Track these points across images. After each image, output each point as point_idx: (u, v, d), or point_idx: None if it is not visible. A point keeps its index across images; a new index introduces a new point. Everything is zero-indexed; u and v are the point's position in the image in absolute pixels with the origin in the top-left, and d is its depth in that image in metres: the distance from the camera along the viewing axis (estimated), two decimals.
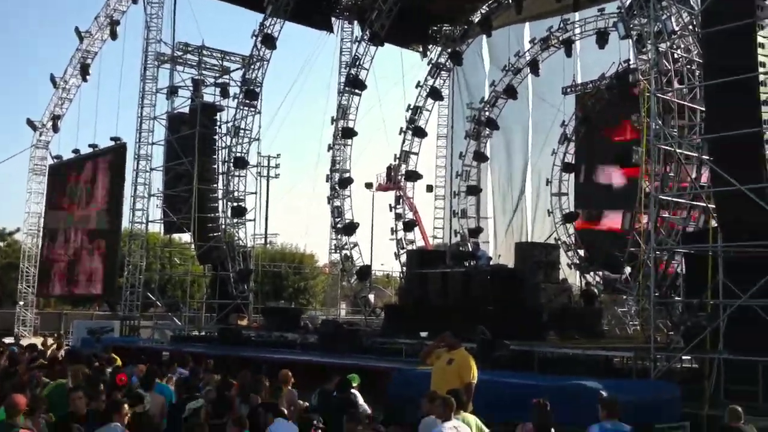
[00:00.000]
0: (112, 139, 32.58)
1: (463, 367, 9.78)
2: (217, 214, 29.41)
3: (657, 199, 15.57)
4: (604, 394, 10.85)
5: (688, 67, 17.61)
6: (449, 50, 31.76)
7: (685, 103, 17.00)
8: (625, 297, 21.53)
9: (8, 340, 23.08)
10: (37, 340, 21.28)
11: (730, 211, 13.71)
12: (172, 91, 29.46)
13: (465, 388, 9.41)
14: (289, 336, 22.05)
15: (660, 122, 15.58)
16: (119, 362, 13.50)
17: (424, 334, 17.47)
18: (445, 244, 31.21)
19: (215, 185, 29.59)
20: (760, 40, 13.38)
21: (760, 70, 13.30)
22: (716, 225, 14.05)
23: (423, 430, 8.20)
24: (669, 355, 13.83)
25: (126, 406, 7.80)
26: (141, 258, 30.51)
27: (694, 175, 16.34)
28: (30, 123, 37.42)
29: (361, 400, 11.02)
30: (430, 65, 32.30)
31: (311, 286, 49.16)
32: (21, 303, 36.92)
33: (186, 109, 29.63)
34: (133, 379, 10.81)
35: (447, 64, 32.19)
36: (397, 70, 53.25)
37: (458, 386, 9.34)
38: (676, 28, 17.04)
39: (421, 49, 33.51)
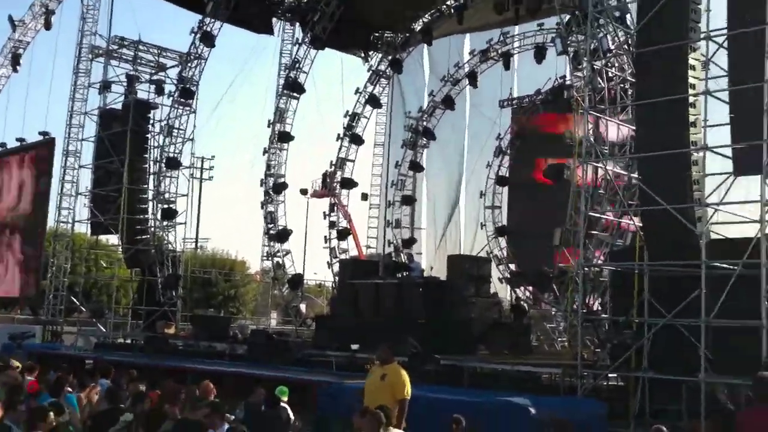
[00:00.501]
0: (40, 133, 31.56)
1: (396, 384, 9.70)
2: (146, 216, 28.60)
3: (587, 215, 15.81)
4: (533, 411, 10.96)
5: (622, 86, 17.99)
6: (390, 57, 31.76)
7: (617, 121, 17.34)
8: (554, 313, 21.81)
9: None
10: None
11: (657, 230, 13.96)
12: (105, 86, 28.50)
13: (399, 405, 9.33)
14: (218, 346, 21.60)
15: (592, 139, 15.83)
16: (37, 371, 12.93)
17: (355, 346, 17.34)
18: (379, 254, 31.08)
19: (146, 186, 28.74)
20: (691, 62, 13.69)
21: (690, 91, 13.61)
22: (643, 243, 14.29)
23: None
24: (595, 373, 14.01)
25: (51, 415, 7.44)
26: (66, 260, 29.56)
27: (622, 193, 16.66)
28: None
29: (291, 414, 10.84)
30: (370, 72, 32.25)
31: (242, 294, 48.37)
32: None
33: (119, 106, 28.71)
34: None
35: (387, 71, 32.14)
36: (337, 76, 53.24)
37: (391, 402, 9.26)
38: (612, 47, 17.40)
39: (362, 55, 33.41)
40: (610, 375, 14.21)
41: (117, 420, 9.10)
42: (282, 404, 10.53)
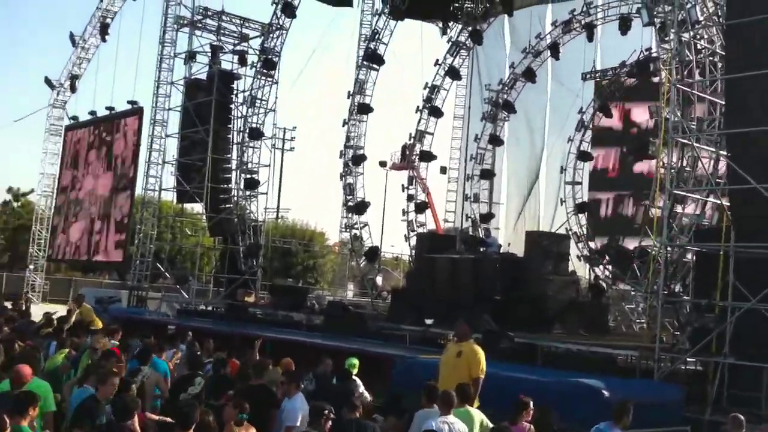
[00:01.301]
0: (129, 102, 32.45)
1: (472, 361, 9.68)
2: (230, 186, 29.23)
3: (671, 194, 15.33)
4: (606, 393, 10.77)
5: (711, 58, 17.26)
6: (470, 28, 31.25)
7: (706, 95, 16.68)
8: (633, 293, 21.31)
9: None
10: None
11: (745, 210, 13.46)
12: (191, 56, 28.98)
13: (473, 383, 9.33)
14: (295, 316, 22.02)
15: (679, 114, 15.30)
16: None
17: (429, 321, 17.39)
18: (456, 228, 30.95)
19: (229, 155, 29.35)
20: None
21: None
22: (730, 223, 13.80)
23: (417, 423, 8.13)
24: (674, 357, 13.67)
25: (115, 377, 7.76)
26: (152, 227, 30.48)
27: (710, 171, 16.07)
28: (48, 82, 37.30)
29: (361, 387, 10.96)
30: (450, 43, 31.85)
31: (320, 265, 48.94)
32: (31, 267, 37.11)
33: (203, 76, 29.25)
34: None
35: (467, 42, 31.68)
36: (417, 47, 52.87)
37: (466, 379, 9.26)
38: (701, 18, 16.67)
39: (441, 26, 33.04)
40: (688, 359, 13.85)
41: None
42: (354, 378, 10.64)
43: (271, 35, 28.75)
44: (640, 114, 30.21)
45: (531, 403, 8.14)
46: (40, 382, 7.80)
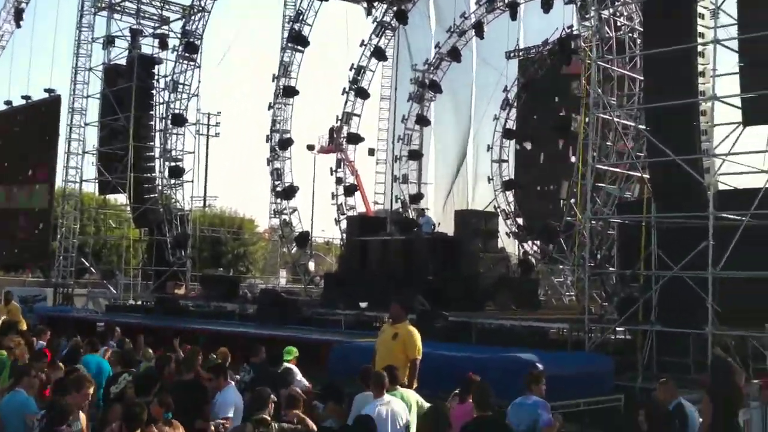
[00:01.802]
0: (46, 90, 31.25)
1: (409, 343, 9.67)
2: (153, 174, 28.58)
3: (594, 168, 15.67)
4: (540, 366, 10.97)
5: (630, 35, 17.67)
6: (395, 8, 31.18)
7: (625, 72, 17.08)
8: (561, 267, 21.79)
9: None
10: None
11: (664, 182, 13.84)
12: (109, 41, 28.12)
13: (411, 364, 9.35)
14: (228, 306, 21.75)
15: (599, 91, 15.62)
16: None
17: (363, 304, 17.42)
18: (386, 210, 31.02)
19: (152, 143, 28.69)
20: (699, 10, 13.43)
21: (699, 41, 13.36)
22: (650, 195, 14.18)
23: (356, 406, 8.11)
24: (603, 327, 14.03)
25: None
26: (75, 220, 29.57)
27: (631, 145, 16.49)
28: None
29: (299, 374, 10.88)
30: (375, 23, 31.74)
31: (251, 253, 48.32)
32: None
33: (123, 61, 28.42)
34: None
35: (392, 23, 31.62)
36: (341, 28, 52.60)
37: (403, 361, 9.28)
38: None
39: (366, 6, 32.85)
40: (617, 329, 14.24)
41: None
42: (289, 365, 10.54)
43: (192, 18, 28.18)
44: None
45: (479, 379, 8.20)
46: None
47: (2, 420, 7.51)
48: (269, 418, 7.01)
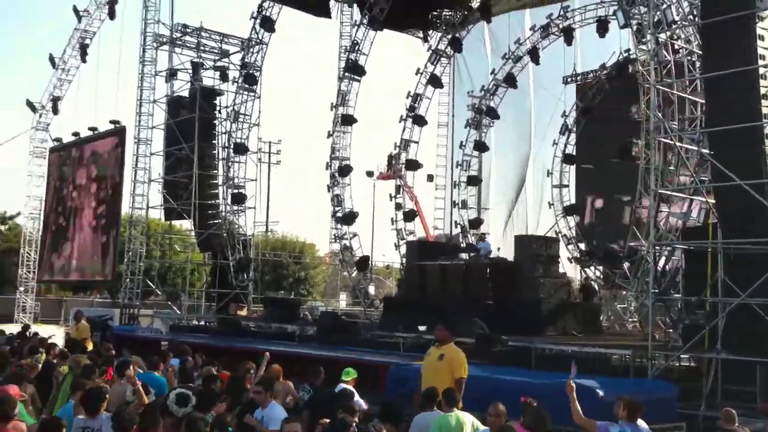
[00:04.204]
0: (111, 122, 32.46)
1: (455, 363, 9.77)
2: (217, 201, 29.27)
3: (657, 193, 15.48)
4: (601, 393, 10.84)
5: (689, 58, 17.47)
6: (449, 36, 31.45)
7: (686, 95, 16.87)
8: (624, 293, 21.44)
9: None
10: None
11: (731, 207, 13.60)
12: (172, 74, 29.14)
13: (456, 383, 9.41)
14: (288, 327, 22.00)
15: (660, 115, 15.46)
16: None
17: (422, 328, 17.41)
18: (446, 235, 31.09)
19: (215, 171, 29.40)
20: (759, 32, 13.26)
21: (760, 62, 13.17)
22: (716, 220, 13.94)
23: (416, 427, 8.18)
24: (667, 354, 13.77)
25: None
26: (141, 244, 30.43)
27: (694, 170, 16.24)
28: (30, 104, 37.35)
29: (356, 395, 10.97)
30: (430, 51, 32.04)
31: (311, 276, 48.93)
32: (21, 289, 36.93)
33: (185, 93, 29.37)
34: None
35: (447, 50, 31.91)
36: (397, 57, 53.06)
37: (449, 381, 9.34)
38: (677, 18, 16.85)
39: (421, 35, 33.21)
40: (682, 356, 13.95)
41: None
42: (346, 386, 10.64)
43: (251, 50, 28.89)
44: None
45: (534, 404, 8.19)
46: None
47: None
48: None
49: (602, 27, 26.61)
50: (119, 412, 7.11)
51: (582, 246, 29.53)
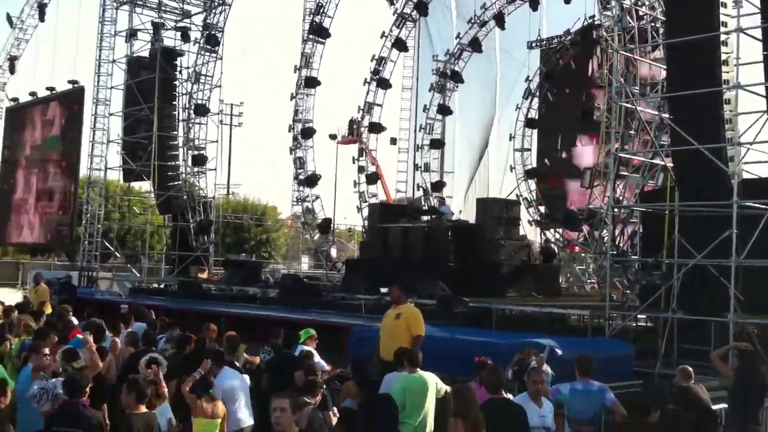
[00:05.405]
0: (69, 82, 31.74)
1: (411, 320, 9.91)
2: (177, 162, 28.90)
3: (617, 157, 15.64)
4: (559, 352, 11.02)
5: (652, 24, 17.58)
6: (415, 0, 31.22)
7: (647, 61, 17.00)
8: (583, 254, 21.75)
9: None
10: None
11: (688, 170, 13.78)
12: (132, 34, 28.56)
13: (413, 340, 9.52)
14: (250, 290, 21.95)
15: (622, 80, 15.56)
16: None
17: (384, 290, 17.45)
18: (408, 198, 31.16)
19: (175, 132, 28.99)
20: None
21: (722, 29, 13.26)
22: (673, 184, 14.13)
23: (387, 385, 8.24)
24: (624, 314, 14.02)
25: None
26: (100, 206, 29.97)
27: (654, 134, 16.43)
28: None
29: (317, 356, 11.00)
30: (396, 15, 31.80)
31: (273, 239, 48.78)
32: None
33: (146, 54, 28.80)
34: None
35: (413, 14, 31.67)
36: (362, 19, 52.58)
37: (407, 339, 9.45)
38: None
39: None
40: (639, 316, 14.22)
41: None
42: (308, 348, 10.64)
43: (213, 10, 28.34)
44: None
45: (490, 362, 8.29)
46: None
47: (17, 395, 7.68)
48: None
49: None
50: (71, 376, 7.04)
51: (542, 209, 29.84)
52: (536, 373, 7.68)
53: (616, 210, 16.11)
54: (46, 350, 8.41)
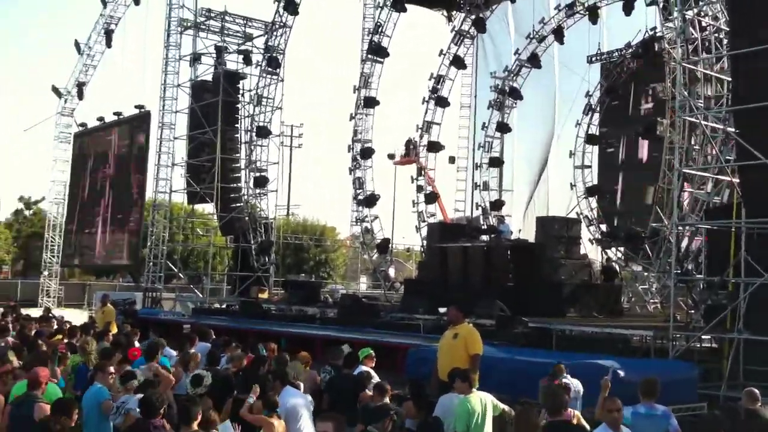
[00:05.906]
0: (136, 107, 32.68)
1: (469, 339, 9.88)
2: (239, 185, 29.39)
3: (681, 173, 15.26)
4: (621, 373, 10.77)
5: (716, 35, 17.14)
6: (473, 17, 31.20)
7: (712, 73, 16.58)
8: (646, 274, 21.24)
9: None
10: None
11: (755, 186, 13.37)
12: (195, 58, 29.24)
13: (471, 359, 9.46)
14: (309, 310, 22.09)
15: (686, 93, 15.21)
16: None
17: (443, 310, 17.33)
18: (467, 217, 31.00)
19: (238, 155, 29.52)
20: None
21: None
22: (740, 200, 13.72)
23: (441, 408, 8.21)
24: (688, 335, 13.62)
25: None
26: (164, 228, 30.66)
27: (719, 149, 15.98)
28: (55, 90, 37.64)
29: (376, 377, 10.98)
30: (453, 32, 31.82)
31: (332, 259, 49.08)
32: (45, 273, 37.39)
33: (209, 77, 29.47)
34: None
35: (471, 31, 31.64)
36: (420, 39, 52.73)
37: (465, 359, 9.39)
38: None
39: (445, 14, 32.97)
40: (703, 337, 13.81)
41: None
42: (365, 368, 10.64)
43: (274, 33, 28.82)
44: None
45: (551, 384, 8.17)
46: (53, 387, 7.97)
47: (83, 413, 7.87)
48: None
49: (628, 5, 26.08)
50: (147, 396, 7.16)
51: (603, 227, 29.31)
52: (611, 400, 7.21)
53: (680, 228, 15.69)
54: (111, 369, 8.66)
